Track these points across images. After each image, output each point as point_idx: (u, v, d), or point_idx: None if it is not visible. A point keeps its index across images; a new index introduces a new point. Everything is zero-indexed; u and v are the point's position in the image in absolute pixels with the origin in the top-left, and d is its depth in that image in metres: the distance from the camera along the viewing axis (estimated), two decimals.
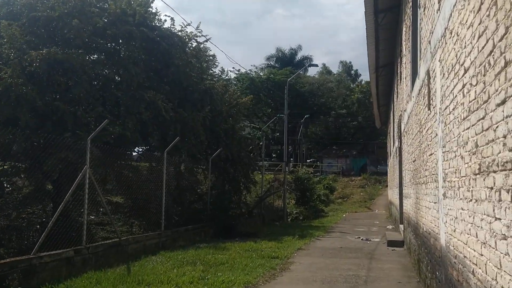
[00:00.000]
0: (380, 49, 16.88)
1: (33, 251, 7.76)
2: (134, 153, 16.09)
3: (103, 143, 10.93)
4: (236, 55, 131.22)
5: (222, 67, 56.02)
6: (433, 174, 5.88)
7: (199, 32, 16.79)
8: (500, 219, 2.65)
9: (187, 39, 15.96)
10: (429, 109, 6.21)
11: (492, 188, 2.84)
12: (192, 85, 15.20)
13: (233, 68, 40.99)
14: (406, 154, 11.38)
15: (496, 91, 2.69)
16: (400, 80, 13.68)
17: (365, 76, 69.43)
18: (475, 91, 3.29)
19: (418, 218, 8.05)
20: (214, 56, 18.63)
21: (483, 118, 3.06)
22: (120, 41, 13.82)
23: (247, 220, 18.84)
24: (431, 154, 6.10)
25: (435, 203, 5.76)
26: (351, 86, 61.72)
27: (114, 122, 11.95)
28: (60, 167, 10.21)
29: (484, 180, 3.04)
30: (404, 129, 11.84)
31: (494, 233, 2.78)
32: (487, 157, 2.94)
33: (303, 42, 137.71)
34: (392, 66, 18.82)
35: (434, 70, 5.64)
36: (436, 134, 5.50)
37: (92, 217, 12.21)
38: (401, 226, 13.96)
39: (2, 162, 10.95)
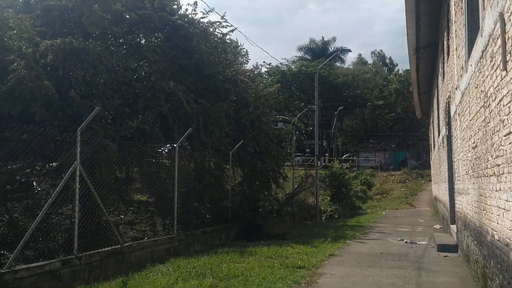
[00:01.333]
0: (421, 25, 14.88)
1: (6, 265, 6.50)
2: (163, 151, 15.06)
3: (121, 138, 10.01)
4: (268, 52, 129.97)
5: (256, 62, 55.53)
6: None
7: (225, 21, 15.41)
8: None
9: (211, 29, 14.58)
10: (504, 69, 4.40)
11: None
12: (215, 74, 13.83)
13: (264, 62, 39.60)
14: (460, 141, 9.43)
15: None
16: (448, 56, 11.68)
17: (401, 65, 66.28)
18: None
19: (483, 221, 6.19)
20: (246, 52, 17.79)
21: None
22: (140, 31, 12.59)
23: (275, 219, 17.25)
24: (510, 133, 4.29)
25: None
26: (389, 76, 58.67)
27: (134, 116, 11.02)
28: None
29: None
30: (456, 112, 9.87)
31: None
32: None
33: (337, 36, 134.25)
34: (434, 47, 16.75)
35: None
36: None
37: (121, 216, 11.74)
38: (453, 227, 11.94)
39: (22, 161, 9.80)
